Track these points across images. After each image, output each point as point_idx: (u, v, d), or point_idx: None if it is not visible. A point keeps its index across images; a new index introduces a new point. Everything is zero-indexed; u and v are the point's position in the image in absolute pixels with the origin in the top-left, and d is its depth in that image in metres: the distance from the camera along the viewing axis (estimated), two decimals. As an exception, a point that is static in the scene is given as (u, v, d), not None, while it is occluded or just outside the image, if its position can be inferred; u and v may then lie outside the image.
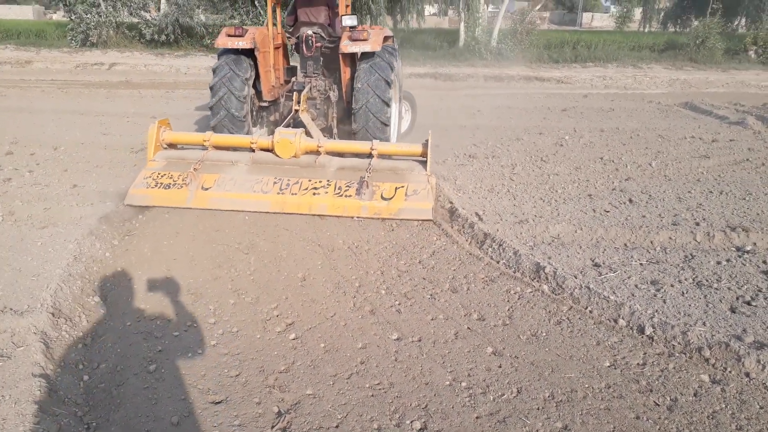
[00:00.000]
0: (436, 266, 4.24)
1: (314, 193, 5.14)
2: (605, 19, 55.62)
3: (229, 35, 6.22)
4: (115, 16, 21.79)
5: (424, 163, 5.35)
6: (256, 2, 20.87)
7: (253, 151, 5.58)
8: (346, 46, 5.93)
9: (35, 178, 6.13)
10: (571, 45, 22.76)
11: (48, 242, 4.37)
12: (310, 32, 6.54)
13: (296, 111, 6.23)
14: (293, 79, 6.86)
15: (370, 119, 6.00)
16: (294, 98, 6.28)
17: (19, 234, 4.58)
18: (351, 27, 6.10)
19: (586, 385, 2.87)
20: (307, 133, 6.06)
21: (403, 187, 5.15)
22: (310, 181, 5.24)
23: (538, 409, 2.71)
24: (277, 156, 5.47)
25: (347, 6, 6.40)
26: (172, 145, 5.87)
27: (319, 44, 6.60)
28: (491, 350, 3.15)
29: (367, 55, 6.12)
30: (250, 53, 6.37)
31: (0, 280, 3.71)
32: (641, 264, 4.24)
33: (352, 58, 6.31)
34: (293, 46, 7.01)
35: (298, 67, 7.01)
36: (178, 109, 10.78)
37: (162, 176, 5.35)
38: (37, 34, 23.51)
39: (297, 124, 6.31)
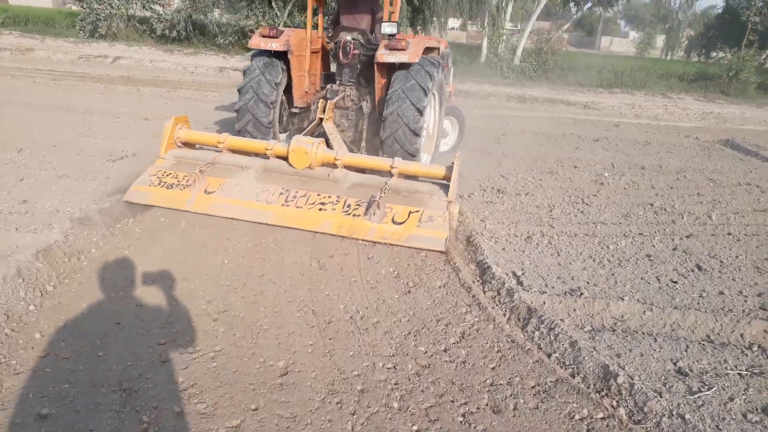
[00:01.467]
0: (468, 360, 3.12)
1: (320, 209, 4.67)
2: (624, 44, 55.41)
3: (263, 36, 5.90)
4: (127, 8, 20.91)
5: (446, 188, 4.72)
6: (273, 3, 19.99)
7: (268, 157, 5.15)
8: (383, 55, 5.45)
9: (-19, 189, 5.10)
10: (597, 69, 21.70)
11: (-43, 289, 3.31)
12: (348, 38, 6.11)
13: (320, 120, 5.84)
14: (329, 86, 6.32)
15: (399, 126, 5.45)
16: (320, 106, 5.86)
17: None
18: (390, 35, 5.49)
19: None
20: (330, 145, 5.47)
21: (418, 212, 4.62)
22: (318, 195, 4.79)
23: None
24: (291, 165, 5.02)
25: (392, 13, 5.74)
26: (188, 144, 5.50)
27: (356, 51, 6.12)
28: None
29: (405, 66, 5.51)
30: (284, 56, 5.97)
31: None
32: (740, 374, 3.14)
33: (389, 69, 5.67)
34: (332, 52, 6.52)
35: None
36: (176, 111, 9.68)
37: (167, 175, 5.03)
38: (46, 22, 22.66)
39: (324, 134, 5.73)
